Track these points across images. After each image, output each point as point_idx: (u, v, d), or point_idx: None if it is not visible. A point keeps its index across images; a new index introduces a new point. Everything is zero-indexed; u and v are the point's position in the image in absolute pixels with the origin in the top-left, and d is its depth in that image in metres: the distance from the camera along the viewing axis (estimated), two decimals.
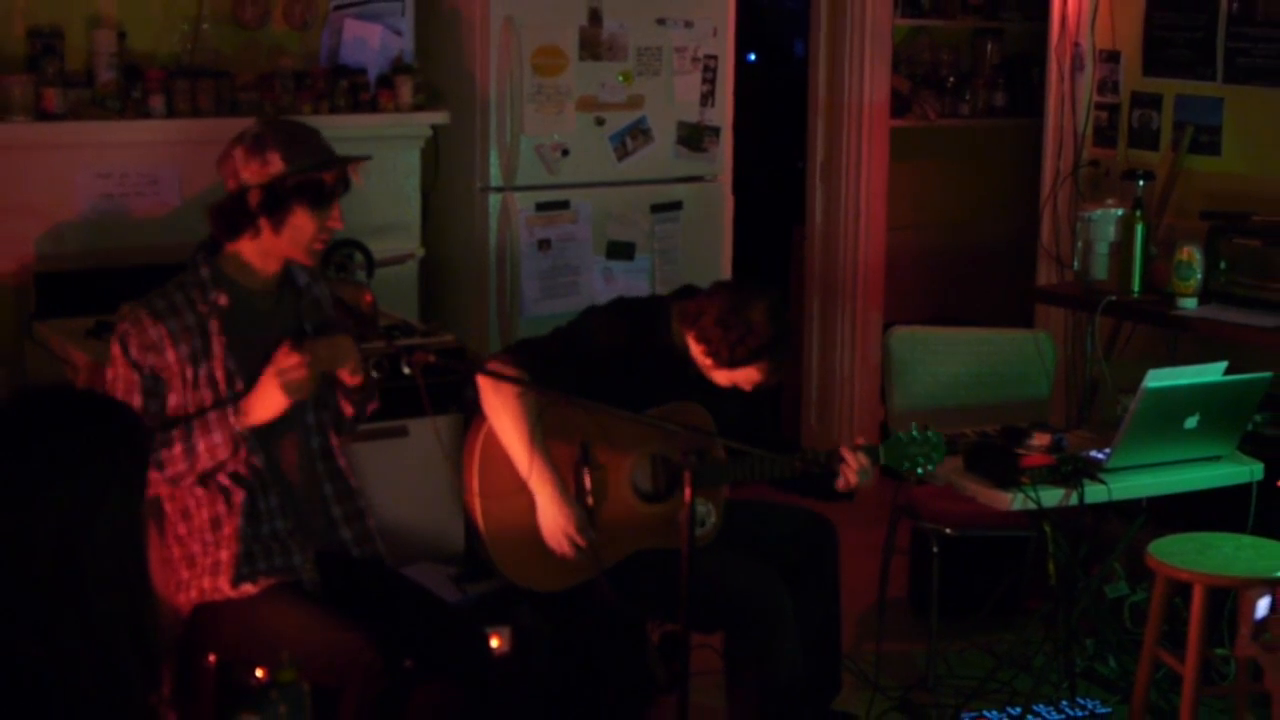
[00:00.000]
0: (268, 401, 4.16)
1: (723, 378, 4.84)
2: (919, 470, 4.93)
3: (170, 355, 4.16)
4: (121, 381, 4.18)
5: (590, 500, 4.79)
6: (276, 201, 4.23)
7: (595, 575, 4.77)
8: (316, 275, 4.54)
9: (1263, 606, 4.09)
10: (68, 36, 5.53)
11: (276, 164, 4.23)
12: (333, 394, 4.45)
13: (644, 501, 4.87)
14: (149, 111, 5.59)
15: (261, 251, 4.29)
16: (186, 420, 4.17)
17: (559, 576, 4.81)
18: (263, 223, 4.24)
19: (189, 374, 4.18)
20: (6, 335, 5.48)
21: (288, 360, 4.16)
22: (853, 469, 4.80)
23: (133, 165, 5.65)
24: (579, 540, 4.72)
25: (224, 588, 4.26)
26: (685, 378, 4.88)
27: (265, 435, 4.29)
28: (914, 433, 4.88)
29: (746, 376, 4.82)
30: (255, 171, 4.23)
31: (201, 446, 4.14)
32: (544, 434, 4.74)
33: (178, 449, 4.14)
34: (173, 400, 4.20)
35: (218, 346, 4.22)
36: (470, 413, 5.13)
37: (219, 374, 4.21)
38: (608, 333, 4.86)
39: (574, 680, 5.05)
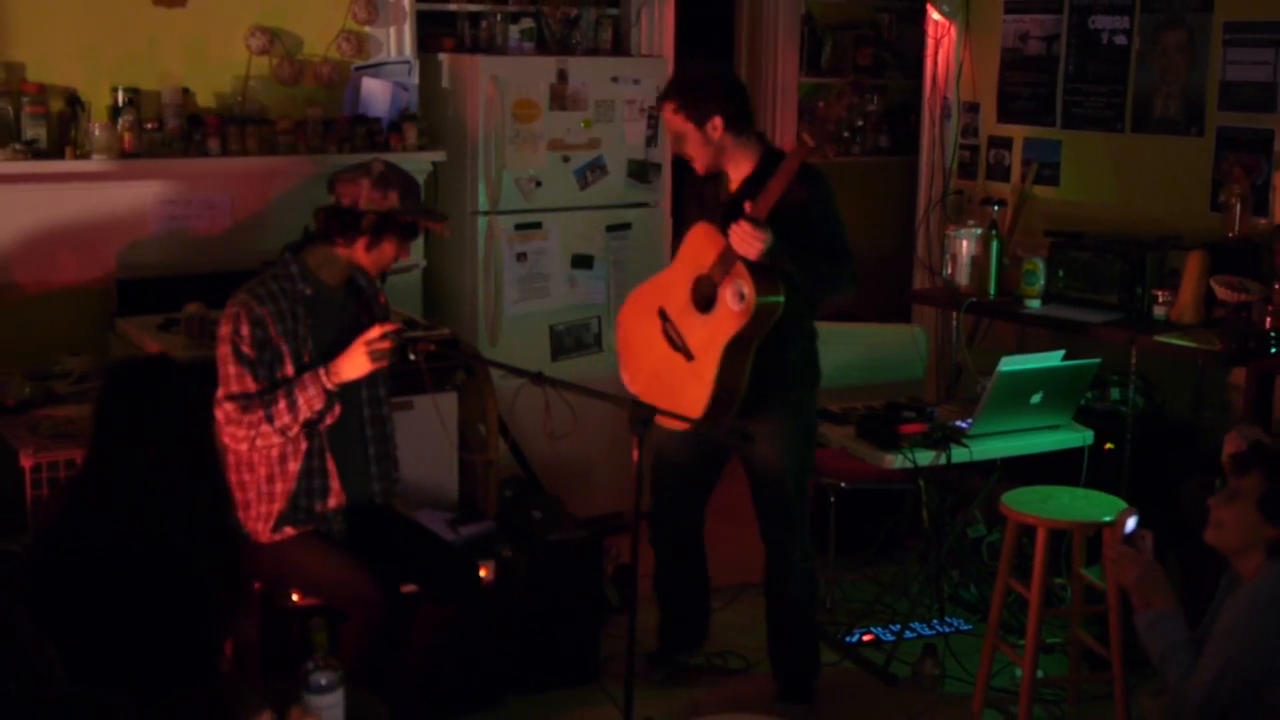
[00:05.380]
0: (355, 364, 4.19)
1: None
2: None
3: (273, 330, 4.19)
4: (236, 354, 4.18)
5: (681, 339, 4.71)
6: (382, 229, 4.26)
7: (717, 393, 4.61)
8: (372, 281, 4.59)
9: (1131, 524, 4.17)
10: (143, 92, 5.53)
11: (394, 201, 4.26)
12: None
13: (702, 312, 4.70)
14: (207, 151, 5.58)
15: (345, 257, 4.32)
16: (287, 382, 4.20)
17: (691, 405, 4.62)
18: (360, 240, 4.27)
19: (284, 348, 4.21)
20: (95, 329, 5.47)
21: (375, 333, 4.20)
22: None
23: (194, 194, 5.65)
24: None
25: (265, 533, 4.32)
26: None
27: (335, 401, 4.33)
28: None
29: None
30: (376, 201, 4.24)
31: (301, 400, 4.16)
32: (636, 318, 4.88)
33: (282, 404, 4.17)
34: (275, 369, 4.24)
35: (304, 327, 4.25)
36: (462, 393, 5.21)
37: (305, 349, 4.25)
38: None
39: (545, 602, 5.09)
